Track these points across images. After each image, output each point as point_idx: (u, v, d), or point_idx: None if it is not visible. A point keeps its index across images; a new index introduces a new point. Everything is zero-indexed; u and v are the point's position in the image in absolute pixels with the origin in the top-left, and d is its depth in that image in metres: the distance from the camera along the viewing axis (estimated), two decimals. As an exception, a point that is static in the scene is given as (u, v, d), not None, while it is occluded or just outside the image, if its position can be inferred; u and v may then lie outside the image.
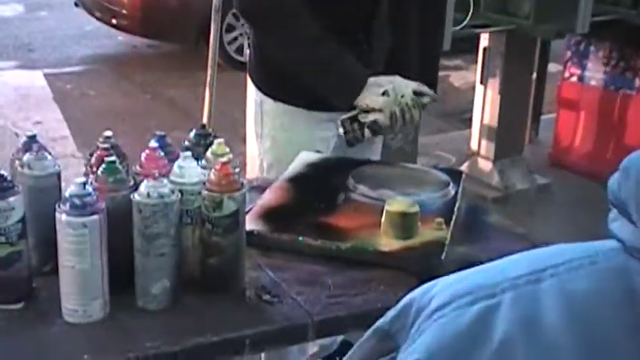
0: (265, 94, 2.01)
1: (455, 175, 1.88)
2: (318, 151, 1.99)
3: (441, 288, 0.53)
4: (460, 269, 1.48)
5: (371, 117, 1.83)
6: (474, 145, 4.32)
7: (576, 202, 4.29)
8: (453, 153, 4.70)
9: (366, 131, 1.84)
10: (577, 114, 4.56)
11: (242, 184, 1.36)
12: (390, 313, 0.56)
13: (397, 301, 1.38)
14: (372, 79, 1.85)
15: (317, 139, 1.99)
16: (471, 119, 4.43)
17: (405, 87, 1.85)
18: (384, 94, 1.83)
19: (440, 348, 0.51)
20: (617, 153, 4.41)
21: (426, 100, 1.89)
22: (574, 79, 4.56)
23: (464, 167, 4.34)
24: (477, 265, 1.54)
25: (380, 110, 1.82)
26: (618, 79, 4.35)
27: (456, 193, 1.77)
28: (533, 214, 4.11)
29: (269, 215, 1.61)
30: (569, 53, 4.56)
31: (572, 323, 0.49)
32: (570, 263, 0.54)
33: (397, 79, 1.86)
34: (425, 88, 1.90)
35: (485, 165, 4.23)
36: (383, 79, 1.85)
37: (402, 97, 1.83)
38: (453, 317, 0.52)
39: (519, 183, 4.18)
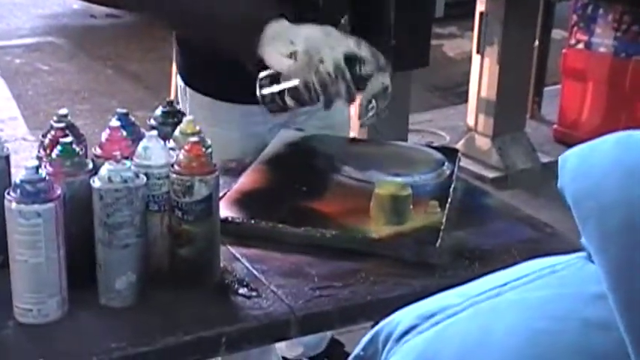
0: (186, 83, 1.88)
1: (450, 153, 1.88)
2: (299, 129, 1.99)
3: (407, 312, 0.56)
4: (457, 256, 1.50)
5: (287, 84, 1.53)
6: (470, 121, 4.33)
7: (584, 182, 4.31)
8: (447, 130, 4.72)
9: (288, 99, 1.55)
10: (584, 84, 4.58)
11: (215, 166, 1.35)
12: (364, 339, 0.60)
13: (389, 294, 1.40)
14: (280, 27, 1.52)
15: (248, 135, 1.86)
16: (466, 93, 4.44)
17: (328, 49, 1.48)
18: (293, 55, 1.51)
19: None
20: (629, 127, 4.43)
21: (368, 69, 1.56)
22: (581, 45, 4.58)
23: (460, 145, 4.36)
24: (475, 251, 1.55)
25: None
26: (630, 45, 4.36)
27: (452, 173, 1.77)
28: (536, 195, 4.13)
29: (245, 201, 1.61)
30: (575, 17, 4.57)
31: (526, 329, 0.53)
32: (532, 275, 0.58)
33: (317, 35, 1.50)
34: (365, 52, 1.54)
35: (483, 142, 4.24)
36: (298, 33, 1.51)
37: (322, 62, 1.48)
38: (416, 341, 0.57)
39: (521, 162, 4.20)
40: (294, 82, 1.52)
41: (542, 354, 0.50)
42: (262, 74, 1.56)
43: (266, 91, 1.56)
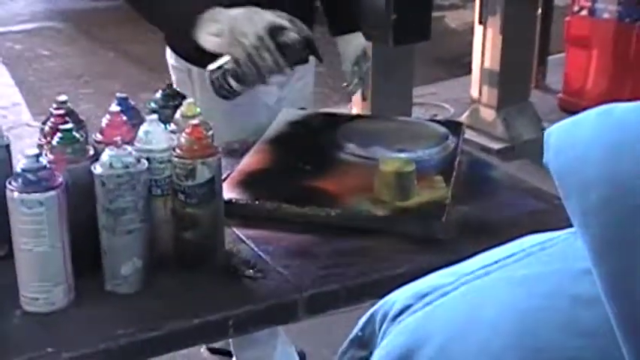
0: (193, 63, 1.90)
1: (454, 126, 1.87)
2: (302, 108, 1.98)
3: (403, 291, 0.57)
4: (463, 230, 1.49)
5: (219, 61, 1.62)
6: (474, 93, 4.31)
7: (590, 151, 4.29)
8: (451, 103, 4.69)
9: (230, 79, 1.62)
10: (589, 52, 4.55)
11: (217, 148, 1.34)
12: (362, 320, 0.60)
13: (395, 270, 1.39)
14: (212, 12, 1.61)
15: (259, 106, 1.92)
16: (470, 64, 4.41)
17: (249, 23, 1.57)
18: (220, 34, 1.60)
19: (391, 352, 0.56)
20: (635, 94, 4.41)
21: (291, 36, 1.59)
22: (584, 12, 4.54)
23: (464, 117, 4.34)
24: (482, 225, 1.53)
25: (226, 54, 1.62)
26: (635, 9, 4.32)
27: (456, 146, 1.76)
28: (542, 165, 4.11)
29: (249, 181, 1.60)
30: (577, -16, 4.53)
31: (515, 307, 0.53)
32: (521, 253, 0.58)
33: (239, 12, 1.60)
34: (284, 22, 1.61)
35: (488, 114, 4.22)
36: (222, 13, 1.61)
37: (245, 36, 1.57)
38: (409, 320, 0.57)
39: (526, 133, 4.18)
40: (226, 59, 1.61)
41: (532, 331, 0.50)
42: (211, 66, 1.64)
43: (212, 76, 1.64)
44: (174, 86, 1.65)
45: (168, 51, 1.98)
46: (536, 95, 4.55)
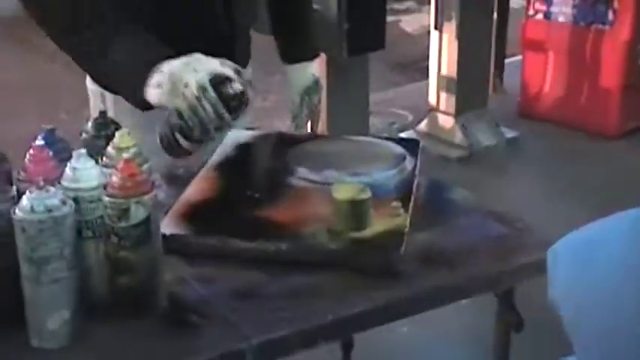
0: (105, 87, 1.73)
1: (411, 145, 1.77)
2: (250, 128, 1.86)
3: None
4: (423, 261, 1.39)
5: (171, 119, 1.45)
6: (432, 100, 4.24)
7: (550, 155, 4.25)
8: (409, 109, 4.61)
9: (178, 136, 1.45)
10: (545, 56, 4.50)
11: (153, 183, 1.22)
12: None
13: (352, 310, 1.29)
14: (158, 67, 1.46)
15: None
16: (427, 68, 4.33)
17: (191, 73, 1.42)
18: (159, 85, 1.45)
19: None
20: (592, 96, 4.37)
21: (235, 87, 1.44)
22: (539, 16, 4.49)
23: (423, 125, 4.26)
24: (442, 254, 1.44)
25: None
26: (589, 12, 4.28)
27: (414, 167, 1.66)
28: (502, 172, 4.06)
29: (192, 214, 1.48)
30: (532, -13, 4.48)
31: None
32: None
33: (180, 62, 1.44)
34: (228, 70, 1.46)
35: (446, 121, 4.15)
36: (165, 65, 1.45)
37: (186, 86, 1.41)
38: None
39: (485, 139, 4.12)
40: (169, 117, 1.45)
41: None
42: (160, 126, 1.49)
43: (160, 132, 1.47)
44: (91, 112, 1.53)
45: None
46: (493, 100, 4.49)
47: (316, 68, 1.99)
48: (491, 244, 1.48)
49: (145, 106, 1.49)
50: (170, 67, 1.44)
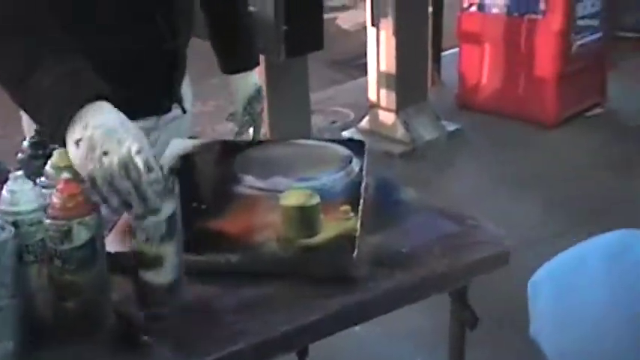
0: None
1: (356, 146, 1.75)
2: (193, 137, 1.82)
3: None
4: (376, 265, 1.37)
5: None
6: (372, 96, 4.24)
7: (491, 145, 4.28)
8: (350, 107, 4.61)
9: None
10: (481, 47, 4.54)
11: (95, 204, 1.18)
12: None
13: (308, 318, 1.27)
14: (89, 109, 1.22)
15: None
16: (365, 65, 4.33)
17: (115, 142, 1.19)
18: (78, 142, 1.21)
19: None
20: (528, 86, 4.42)
21: (152, 176, 1.20)
22: (474, 8, 4.53)
23: (364, 122, 4.26)
24: (396, 256, 1.43)
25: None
26: (522, 3, 4.33)
27: (361, 169, 1.64)
28: (446, 165, 4.08)
29: (138, 229, 1.44)
30: (465, -20, 4.52)
31: None
32: None
33: (109, 125, 1.21)
34: (139, 160, 1.18)
35: (387, 117, 4.15)
36: (95, 118, 1.21)
37: (106, 154, 1.18)
38: None
39: (427, 133, 4.13)
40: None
41: None
42: None
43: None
44: (25, 132, 1.42)
45: None
46: (433, 93, 4.52)
47: (257, 76, 1.96)
48: (442, 241, 1.47)
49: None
50: (96, 126, 1.21)
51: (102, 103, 1.24)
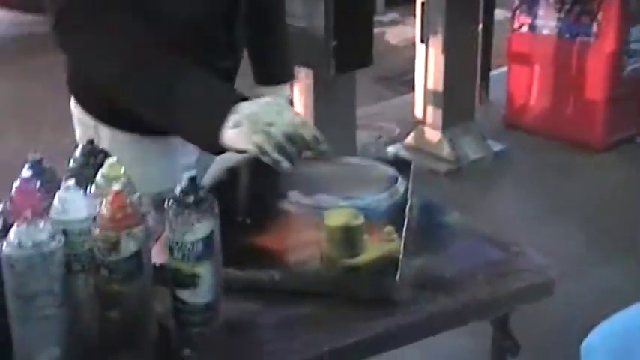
0: (97, 117, 1.70)
1: (402, 166, 1.75)
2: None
3: None
4: (418, 288, 1.36)
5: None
6: (418, 113, 4.22)
7: (537, 168, 4.24)
8: (396, 123, 4.60)
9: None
10: (530, 68, 4.50)
11: (143, 216, 1.19)
12: None
13: (347, 340, 1.27)
14: (233, 109, 1.44)
15: (172, 170, 1.67)
16: (413, 81, 4.32)
17: (275, 113, 1.45)
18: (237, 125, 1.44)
19: None
20: (577, 109, 4.38)
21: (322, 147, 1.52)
22: (525, 28, 4.50)
23: (410, 139, 4.25)
24: (438, 280, 1.42)
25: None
26: (573, 25, 4.29)
27: (406, 190, 1.64)
28: (490, 186, 4.05)
29: (183, 242, 1.45)
30: (517, 1, 4.48)
31: None
32: None
33: (261, 102, 1.46)
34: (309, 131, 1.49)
35: (433, 135, 4.13)
36: (243, 105, 1.44)
37: (271, 125, 1.43)
38: None
39: (472, 152, 4.11)
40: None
41: None
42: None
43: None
44: (78, 141, 1.48)
45: (73, 100, 1.75)
46: (480, 113, 4.49)
47: (288, 89, 1.97)
48: (486, 268, 1.46)
49: (214, 147, 1.46)
50: (249, 107, 1.43)
51: (244, 102, 1.45)
